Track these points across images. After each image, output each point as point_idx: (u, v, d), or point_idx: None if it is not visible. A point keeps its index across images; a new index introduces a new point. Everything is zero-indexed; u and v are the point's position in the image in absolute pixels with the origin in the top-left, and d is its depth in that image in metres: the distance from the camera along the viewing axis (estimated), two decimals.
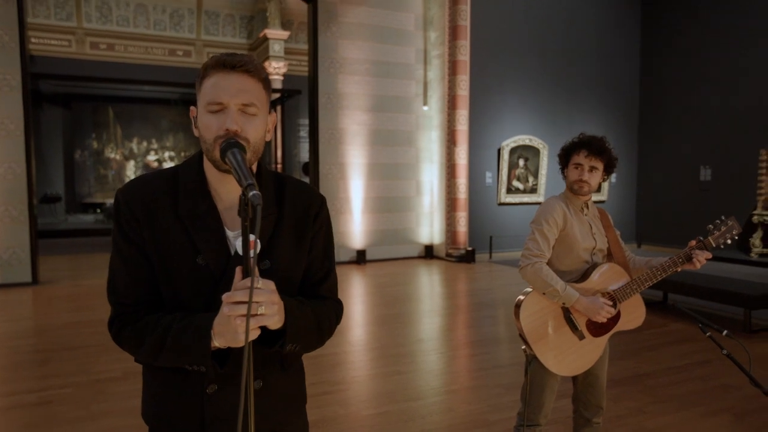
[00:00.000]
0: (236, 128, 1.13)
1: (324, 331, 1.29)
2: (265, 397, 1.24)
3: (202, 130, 1.17)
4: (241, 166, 1.05)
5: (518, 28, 10.21)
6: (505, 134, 10.15)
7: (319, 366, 4.41)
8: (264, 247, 1.21)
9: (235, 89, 1.14)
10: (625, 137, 11.46)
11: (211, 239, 1.19)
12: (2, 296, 6.88)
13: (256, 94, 1.17)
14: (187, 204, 1.20)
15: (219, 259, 1.18)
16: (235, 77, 1.14)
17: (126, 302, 1.20)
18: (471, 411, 3.57)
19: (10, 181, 7.33)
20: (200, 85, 1.18)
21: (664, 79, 11.10)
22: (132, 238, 1.19)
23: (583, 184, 2.37)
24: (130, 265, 1.20)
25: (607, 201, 11.31)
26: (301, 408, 1.41)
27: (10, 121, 7.30)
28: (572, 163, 2.39)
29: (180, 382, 1.22)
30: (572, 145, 2.42)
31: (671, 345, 4.93)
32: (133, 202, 1.20)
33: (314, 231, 1.32)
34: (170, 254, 1.18)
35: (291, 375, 1.33)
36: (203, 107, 1.16)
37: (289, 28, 16.00)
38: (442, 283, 8.25)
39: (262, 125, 1.19)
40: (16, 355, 4.71)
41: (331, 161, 9.19)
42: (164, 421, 1.27)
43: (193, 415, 1.22)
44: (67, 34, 14.79)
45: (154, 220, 1.19)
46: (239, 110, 1.15)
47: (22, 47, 7.37)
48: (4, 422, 3.42)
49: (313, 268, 1.33)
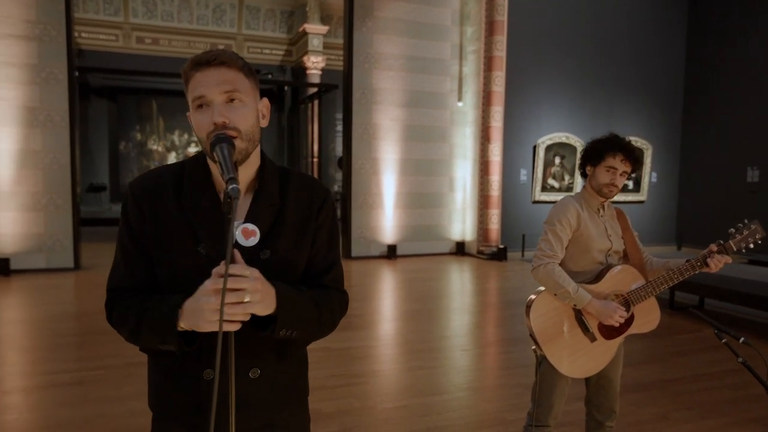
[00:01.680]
0: (223, 120, 1.15)
1: (325, 319, 1.29)
2: (262, 388, 1.26)
3: (195, 129, 1.21)
4: (225, 160, 1.08)
5: (556, 23, 10.02)
6: (541, 131, 9.99)
7: (341, 358, 4.46)
8: (264, 237, 1.23)
9: (215, 81, 1.16)
10: (666, 135, 11.13)
11: (211, 229, 1.22)
12: (46, 280, 7.20)
13: (237, 83, 1.19)
14: (190, 196, 1.24)
15: (219, 249, 1.20)
16: (213, 71, 1.17)
17: (117, 287, 1.26)
18: (489, 409, 3.56)
19: (55, 171, 7.65)
20: (186, 90, 1.21)
21: (710, 75, 10.71)
22: (134, 233, 1.25)
23: (614, 188, 2.32)
24: (128, 258, 1.26)
25: (646, 201, 11.01)
26: (301, 400, 1.40)
27: (56, 113, 7.62)
28: (605, 165, 2.31)
29: (177, 369, 1.25)
30: (607, 146, 2.31)
31: (703, 351, 4.78)
32: (140, 196, 1.25)
33: (318, 223, 1.33)
34: (172, 244, 1.22)
35: (290, 366, 1.33)
36: (191, 107, 1.21)
37: (328, 22, 16.12)
38: (472, 280, 8.21)
39: (251, 112, 1.21)
40: (56, 337, 4.93)
41: (364, 156, 9.23)
42: (165, 408, 1.30)
43: (191, 402, 1.25)
44: (115, 28, 15.29)
45: (158, 211, 1.23)
46: (224, 102, 1.17)
47: (69, 42, 7.66)
48: (40, 399, 3.60)
49: (317, 259, 1.33)
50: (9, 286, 6.93)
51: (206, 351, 1.21)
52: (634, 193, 10.92)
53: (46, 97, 7.56)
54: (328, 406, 3.51)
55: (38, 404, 3.54)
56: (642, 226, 10.87)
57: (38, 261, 7.65)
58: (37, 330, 5.25)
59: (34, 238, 7.64)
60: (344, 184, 9.53)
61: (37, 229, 7.63)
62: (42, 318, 5.61)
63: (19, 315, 5.85)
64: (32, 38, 7.47)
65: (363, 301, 6.77)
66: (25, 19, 7.42)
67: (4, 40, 7.34)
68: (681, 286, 6.11)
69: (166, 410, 1.30)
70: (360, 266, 8.73)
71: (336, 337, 4.99)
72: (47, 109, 7.58)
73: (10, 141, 7.43)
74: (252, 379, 1.24)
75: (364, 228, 9.29)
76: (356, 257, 9.25)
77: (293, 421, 1.36)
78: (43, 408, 3.48)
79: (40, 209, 7.63)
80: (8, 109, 7.41)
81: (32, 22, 7.46)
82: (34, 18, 7.46)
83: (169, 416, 1.30)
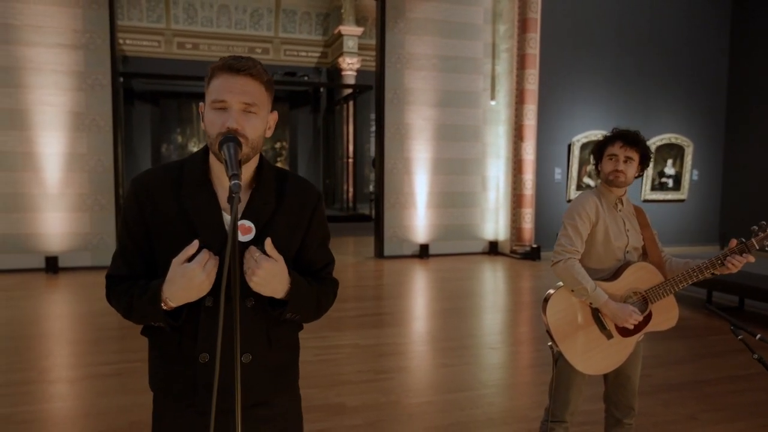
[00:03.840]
0: (236, 126, 1.26)
1: (322, 305, 1.45)
2: (252, 371, 1.36)
3: (207, 126, 1.30)
4: (231, 158, 1.18)
5: (590, 20, 9.86)
6: (576, 129, 9.85)
7: (370, 354, 4.54)
8: (259, 233, 1.33)
9: (239, 90, 1.27)
10: (708, 132, 10.80)
11: (209, 224, 1.31)
12: (92, 278, 7.53)
13: (258, 96, 1.30)
14: (189, 192, 1.33)
15: (216, 242, 1.30)
16: (240, 79, 1.27)
17: (113, 274, 1.38)
18: (512, 406, 3.58)
19: (99, 173, 7.99)
20: (208, 84, 1.31)
21: (755, 70, 10.34)
22: (133, 228, 1.36)
23: (619, 173, 2.33)
24: (127, 251, 1.37)
25: (687, 199, 10.72)
26: (291, 383, 1.50)
27: (101, 117, 7.96)
28: (607, 155, 2.38)
29: (174, 351, 1.36)
30: (606, 139, 2.41)
31: (737, 353, 4.65)
32: (140, 192, 1.35)
33: (312, 223, 1.44)
34: (172, 237, 1.32)
35: (280, 351, 1.43)
36: (209, 104, 1.30)
37: (363, 24, 16.25)
38: (504, 279, 8.17)
39: (261, 123, 1.32)
40: (99, 331, 5.18)
41: (397, 156, 9.30)
42: (164, 388, 1.41)
43: (188, 382, 1.35)
44: (157, 35, 15.80)
45: (158, 206, 1.33)
46: (241, 109, 1.27)
47: (113, 49, 7.99)
48: (80, 389, 3.81)
49: (314, 260, 1.47)
50: (57, 282, 7.29)
51: (203, 335, 1.31)
52: (674, 191, 10.64)
53: (92, 102, 7.91)
54: (353, 400, 3.59)
55: (81, 393, 3.74)
56: (683, 225, 10.59)
57: (84, 259, 8.01)
58: (81, 324, 5.52)
59: (81, 238, 8.00)
60: (377, 183, 9.61)
61: (83, 229, 7.99)
62: (86, 313, 5.89)
63: (66, 310, 6.16)
64: (79, 47, 7.82)
65: (394, 300, 6.84)
66: (73, 29, 7.78)
67: (53, 49, 7.71)
68: (719, 286, 5.96)
69: (165, 390, 1.40)
70: (392, 265, 8.80)
71: (365, 334, 5.11)
72: (93, 114, 7.93)
73: (59, 145, 7.80)
74: (244, 363, 1.35)
75: (397, 227, 9.36)
76: (388, 256, 9.32)
77: (283, 401, 1.47)
78: (86, 397, 3.68)
79: (86, 210, 7.98)
80: (57, 115, 7.78)
81: (79, 31, 7.81)
82: (81, 27, 7.81)
83: (167, 396, 1.40)
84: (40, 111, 7.72)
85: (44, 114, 7.73)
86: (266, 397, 1.41)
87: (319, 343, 4.70)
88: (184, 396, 1.36)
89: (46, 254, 7.82)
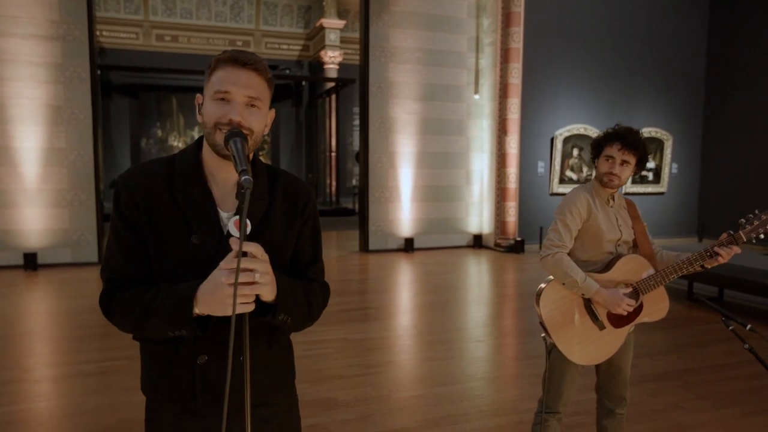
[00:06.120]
0: (239, 119, 1.23)
1: (313, 308, 1.38)
2: (251, 372, 1.31)
3: (206, 116, 1.27)
4: (239, 153, 1.15)
5: (573, 14, 9.93)
6: (559, 123, 9.93)
7: (358, 349, 4.54)
8: (254, 230, 1.29)
9: (244, 83, 1.24)
10: (687, 126, 10.97)
11: (205, 220, 1.28)
12: (72, 274, 7.40)
13: (261, 91, 1.27)
14: (183, 187, 1.29)
15: (212, 239, 1.27)
16: (245, 73, 1.25)
17: (116, 277, 1.30)
18: (502, 398, 3.60)
19: (78, 167, 7.83)
20: (210, 75, 1.28)
21: (732, 65, 10.52)
22: (129, 222, 1.29)
23: (613, 177, 2.34)
24: (124, 247, 1.30)
25: (666, 192, 10.89)
26: (289, 383, 1.49)
27: (80, 111, 7.80)
28: (604, 155, 2.37)
29: (172, 355, 1.31)
30: (606, 136, 2.38)
31: (721, 342, 4.76)
32: (133, 187, 1.29)
33: (302, 220, 1.40)
34: (166, 234, 1.28)
35: (277, 352, 1.41)
36: (210, 95, 1.26)
37: (345, 17, 16.16)
38: (488, 272, 8.23)
39: (263, 119, 1.30)
40: (81, 329, 5.09)
41: (381, 150, 9.28)
42: (160, 392, 1.36)
43: (186, 386, 1.31)
44: (135, 26, 15.52)
45: (151, 203, 1.28)
46: (245, 103, 1.25)
47: (91, 41, 7.82)
48: (64, 388, 3.74)
49: (301, 254, 1.42)
50: (37, 280, 7.15)
51: (201, 337, 1.26)
52: (654, 184, 10.80)
53: (70, 95, 7.74)
54: (344, 394, 3.59)
55: (65, 392, 3.68)
56: (662, 217, 10.75)
57: (64, 255, 7.86)
58: (63, 322, 5.42)
59: (60, 234, 7.84)
60: (361, 177, 9.59)
61: (62, 225, 7.84)
62: (68, 310, 5.78)
63: (46, 307, 6.04)
64: (56, 38, 7.64)
65: (380, 294, 6.84)
66: (49, 20, 7.60)
67: (29, 41, 7.53)
68: (700, 277, 6.07)
69: (161, 394, 1.35)
70: (377, 259, 8.80)
71: (353, 329, 5.10)
72: (71, 107, 7.76)
73: (37, 139, 7.63)
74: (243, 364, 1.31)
75: (381, 221, 9.35)
76: (373, 250, 9.31)
77: (283, 400, 1.45)
78: (70, 396, 3.61)
79: (65, 205, 7.83)
80: (34, 108, 7.61)
81: (56, 22, 7.63)
82: (57, 18, 7.63)
83: (163, 399, 1.36)
84: (16, 104, 7.53)
85: (21, 107, 7.55)
86: (267, 398, 1.39)
87: (307, 338, 4.68)
88: (180, 400, 1.32)
89: (25, 251, 7.65)
